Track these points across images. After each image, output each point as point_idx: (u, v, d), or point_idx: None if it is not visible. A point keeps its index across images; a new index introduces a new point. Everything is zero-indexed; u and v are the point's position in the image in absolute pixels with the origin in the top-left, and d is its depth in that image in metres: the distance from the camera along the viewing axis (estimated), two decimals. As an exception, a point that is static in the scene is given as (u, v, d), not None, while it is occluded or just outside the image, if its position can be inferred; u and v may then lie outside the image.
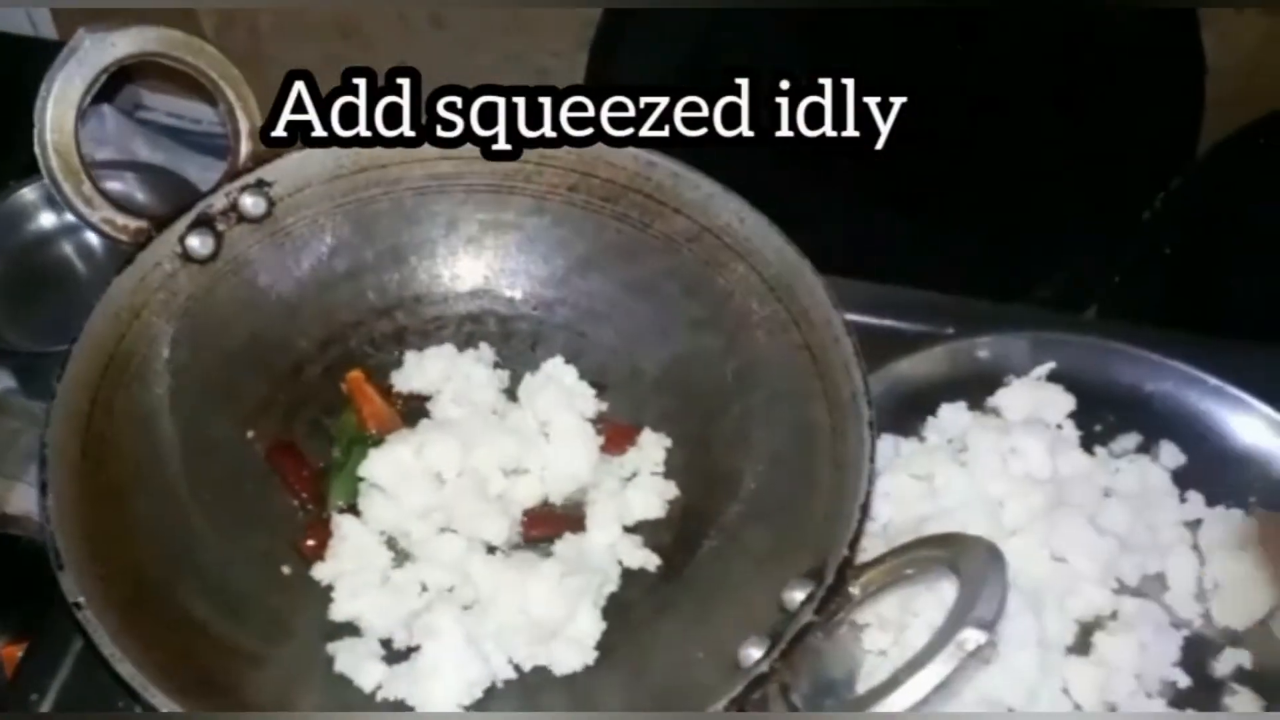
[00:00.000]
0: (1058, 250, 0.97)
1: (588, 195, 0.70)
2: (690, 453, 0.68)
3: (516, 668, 0.59)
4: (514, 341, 0.72)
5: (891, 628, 0.62)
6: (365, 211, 0.69)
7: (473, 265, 0.73)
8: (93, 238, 0.86)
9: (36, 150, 0.59)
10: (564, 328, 0.72)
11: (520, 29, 1.07)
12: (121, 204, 0.63)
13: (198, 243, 0.64)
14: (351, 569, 0.60)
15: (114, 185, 0.98)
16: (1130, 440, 0.72)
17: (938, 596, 0.59)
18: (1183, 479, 0.71)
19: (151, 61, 0.62)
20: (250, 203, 0.66)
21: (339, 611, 0.60)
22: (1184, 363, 0.72)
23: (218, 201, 0.65)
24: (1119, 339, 0.73)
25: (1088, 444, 0.72)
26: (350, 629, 0.60)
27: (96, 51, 0.59)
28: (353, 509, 0.64)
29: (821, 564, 0.53)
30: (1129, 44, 0.94)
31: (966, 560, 0.46)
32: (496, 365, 0.71)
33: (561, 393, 0.68)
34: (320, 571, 0.61)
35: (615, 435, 0.68)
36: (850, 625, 0.62)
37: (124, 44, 0.60)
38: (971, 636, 0.43)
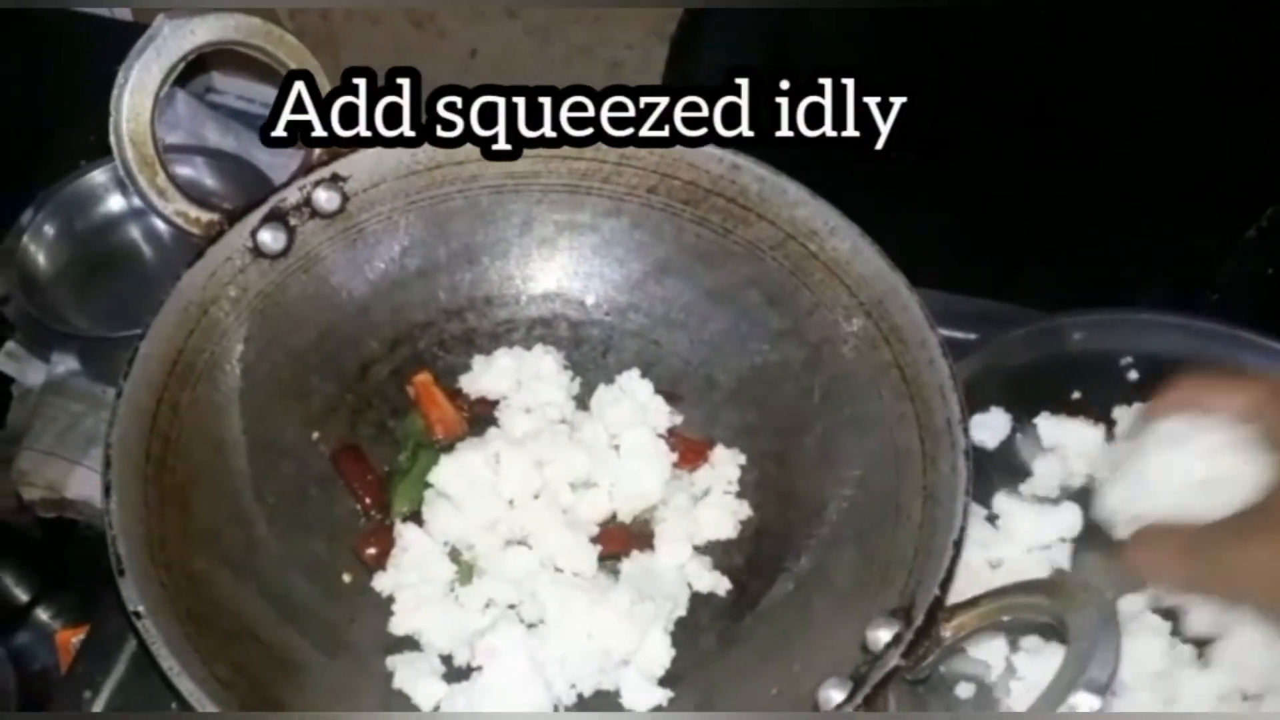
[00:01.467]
0: (1151, 268, 0.92)
1: (667, 198, 0.67)
2: (766, 471, 0.65)
3: (579, 694, 0.57)
4: (585, 347, 0.70)
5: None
6: (439, 209, 0.67)
7: (546, 267, 0.71)
8: (161, 223, 0.86)
9: (112, 140, 0.58)
10: (637, 335, 0.70)
11: (594, 19, 1.04)
12: (194, 195, 0.62)
13: (270, 237, 0.62)
14: (414, 581, 0.58)
15: (184, 171, 0.97)
16: None
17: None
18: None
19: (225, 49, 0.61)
20: (324, 198, 0.64)
21: (400, 625, 0.58)
22: None
23: (291, 195, 0.63)
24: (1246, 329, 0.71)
25: None
26: (410, 643, 0.58)
27: (176, 39, 0.57)
28: (416, 517, 0.62)
29: (910, 603, 0.50)
30: (1234, 50, 0.89)
31: (1076, 615, 0.43)
32: (566, 369, 0.68)
33: (635, 407, 0.65)
34: (381, 582, 0.59)
35: (687, 450, 0.66)
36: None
37: (203, 31, 0.58)
38: (1084, 701, 0.40)
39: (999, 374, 0.69)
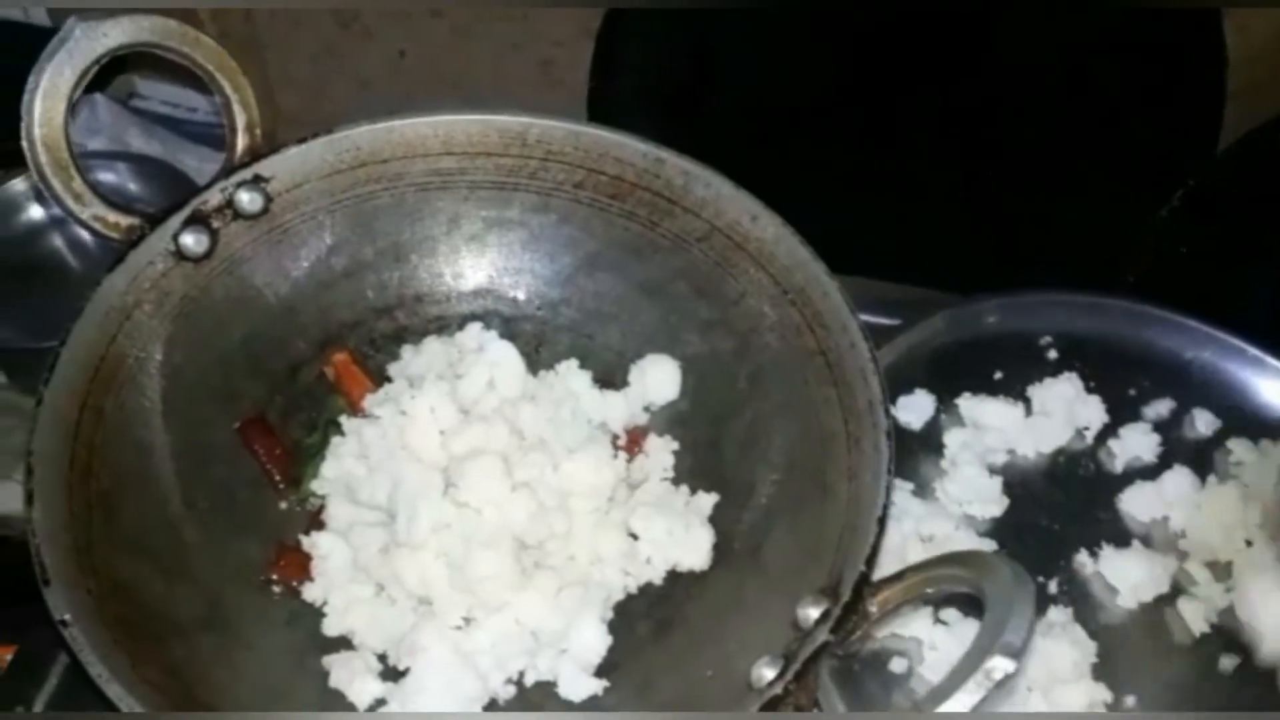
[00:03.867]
0: (1071, 250, 0.95)
1: (594, 192, 0.68)
2: (700, 459, 0.66)
3: (518, 684, 0.57)
4: (518, 343, 0.70)
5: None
6: (365, 208, 0.67)
7: (476, 263, 0.71)
8: (84, 231, 0.84)
9: (24, 145, 0.57)
10: (570, 329, 0.70)
11: (521, 17, 1.04)
12: (113, 200, 0.61)
13: (192, 240, 0.62)
14: (342, 584, 0.58)
15: (106, 177, 0.95)
16: (1164, 406, 0.71)
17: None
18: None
19: (145, 52, 0.60)
20: (247, 199, 0.63)
21: (332, 626, 0.58)
22: (1225, 331, 0.72)
23: (213, 198, 0.63)
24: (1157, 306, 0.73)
25: (1118, 410, 0.70)
26: (345, 643, 0.58)
27: (88, 41, 0.57)
28: (319, 522, 0.62)
29: (838, 580, 0.51)
30: (1147, 37, 0.91)
31: (991, 582, 0.44)
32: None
33: (569, 395, 0.66)
34: (311, 593, 0.59)
35: (625, 440, 0.66)
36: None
37: (116, 34, 0.57)
38: (999, 665, 0.41)
39: (922, 357, 0.71)
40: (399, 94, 1.11)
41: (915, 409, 0.70)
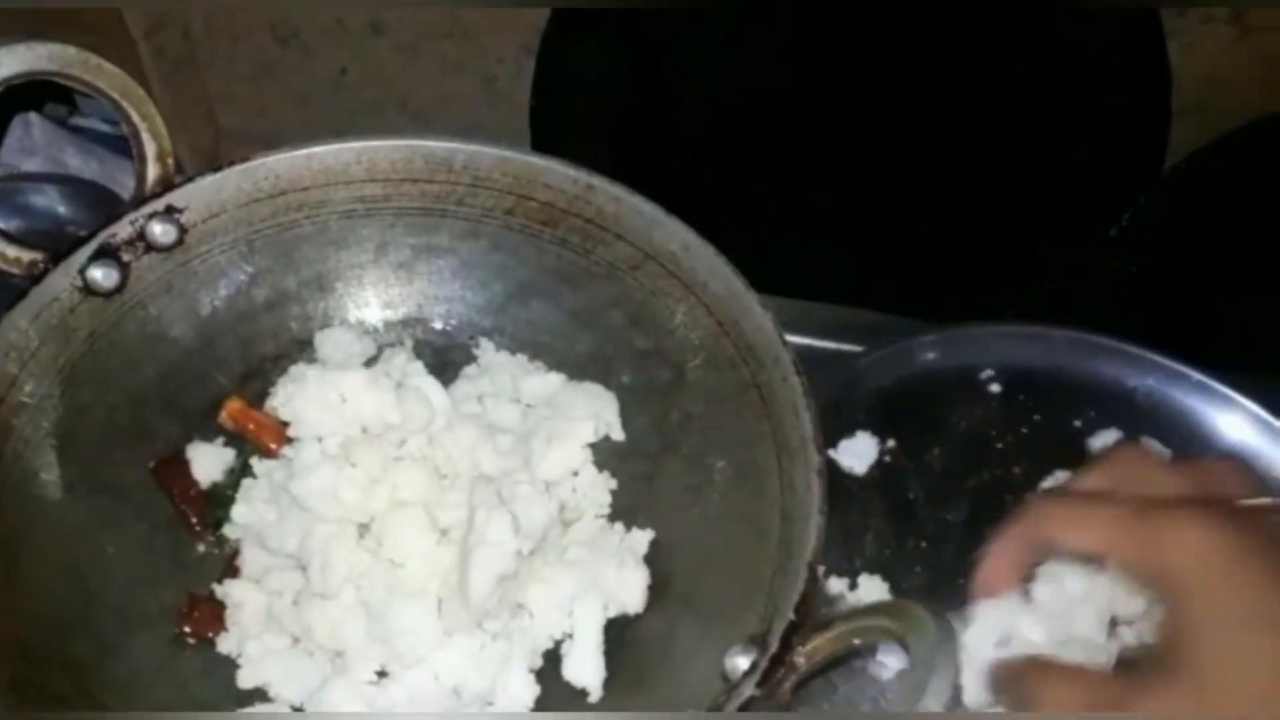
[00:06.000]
0: (1018, 274, 0.94)
1: (525, 219, 0.66)
2: (637, 495, 0.64)
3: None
4: (449, 372, 0.68)
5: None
6: (286, 237, 0.65)
7: (405, 292, 0.69)
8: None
9: (-86, 179, 0.54)
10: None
11: (463, 34, 1.02)
12: (24, 233, 0.59)
13: (101, 275, 0.59)
14: (255, 634, 0.55)
15: (36, 200, 0.93)
16: (1110, 435, 0.70)
17: None
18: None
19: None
20: (159, 231, 0.61)
21: (246, 679, 0.55)
22: (1169, 358, 0.70)
23: (122, 230, 0.60)
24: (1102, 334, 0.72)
25: (1069, 441, 0.69)
26: (261, 695, 0.56)
27: (-21, 70, 0.54)
28: (232, 570, 0.59)
29: (767, 628, 0.50)
30: (1091, 53, 0.91)
31: (916, 637, 0.43)
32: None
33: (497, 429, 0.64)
34: (227, 644, 0.56)
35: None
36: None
37: (10, 62, 0.55)
38: (920, 728, 0.40)
39: (863, 397, 0.69)
40: (341, 112, 1.09)
41: (856, 452, 0.68)
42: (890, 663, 0.60)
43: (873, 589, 0.63)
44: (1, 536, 0.53)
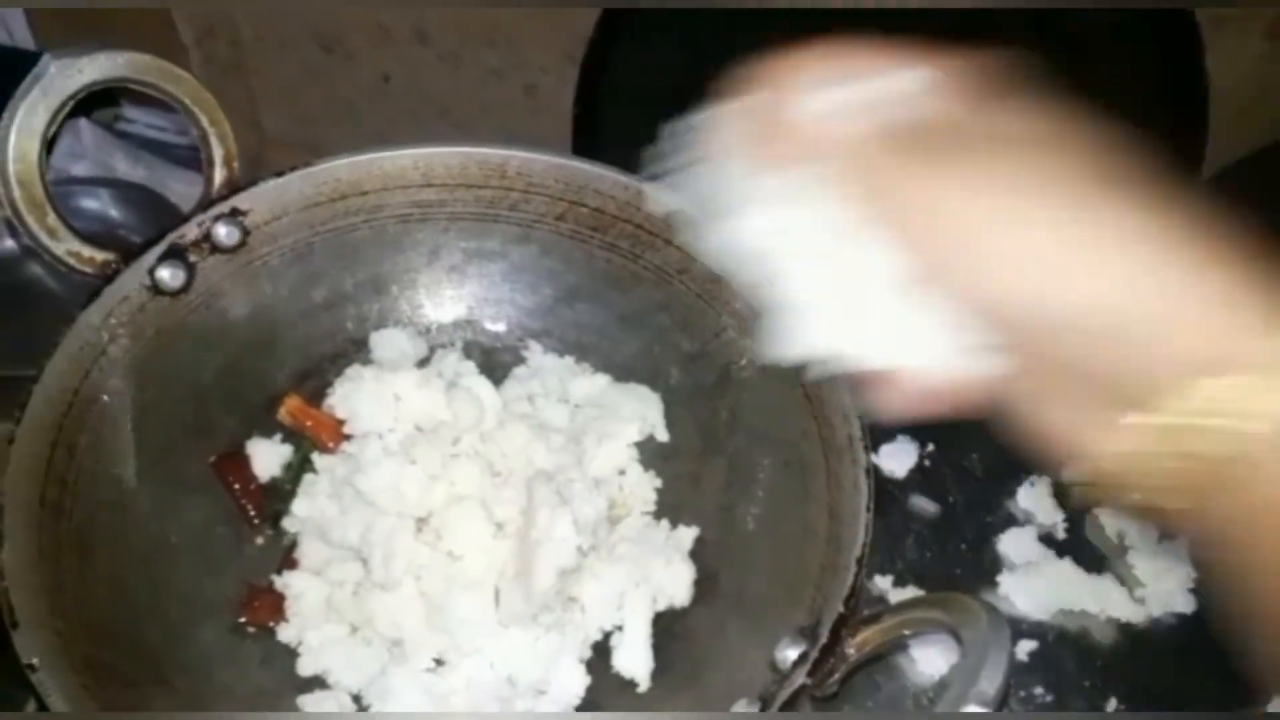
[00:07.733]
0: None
1: (575, 225, 0.68)
2: (682, 494, 0.65)
3: (494, 727, 0.57)
4: (498, 374, 0.70)
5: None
6: (344, 240, 0.67)
7: (456, 295, 0.71)
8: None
9: (-2, 181, 0.56)
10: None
11: (505, 42, 1.04)
12: (88, 235, 0.61)
13: (168, 275, 0.61)
14: (315, 624, 0.57)
15: (89, 204, 0.95)
16: None
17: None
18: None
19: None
20: (224, 232, 0.63)
21: (306, 666, 0.57)
22: None
23: (190, 232, 0.62)
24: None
25: None
26: (320, 682, 0.57)
27: (62, 78, 0.56)
28: (291, 561, 0.61)
29: (816, 620, 0.51)
30: (1128, 65, 0.91)
31: (968, 627, 0.44)
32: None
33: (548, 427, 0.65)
34: (286, 634, 0.58)
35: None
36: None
37: (91, 70, 0.57)
38: (974, 713, 0.41)
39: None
40: (384, 118, 1.10)
41: (897, 456, 0.69)
42: (929, 666, 0.61)
43: (911, 590, 0.65)
44: (78, 525, 0.55)
